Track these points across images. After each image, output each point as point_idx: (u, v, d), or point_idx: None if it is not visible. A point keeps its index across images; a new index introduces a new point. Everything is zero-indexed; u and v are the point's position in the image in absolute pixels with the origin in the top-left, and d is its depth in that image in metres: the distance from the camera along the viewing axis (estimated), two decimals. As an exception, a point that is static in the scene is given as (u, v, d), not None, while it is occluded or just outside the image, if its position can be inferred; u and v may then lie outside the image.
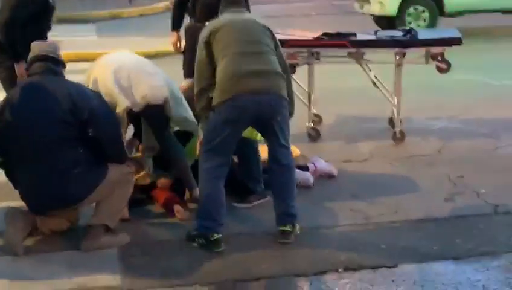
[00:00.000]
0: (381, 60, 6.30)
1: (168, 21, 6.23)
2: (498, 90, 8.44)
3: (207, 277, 4.03)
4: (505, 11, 14.06)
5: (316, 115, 6.70)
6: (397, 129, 6.39)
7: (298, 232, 4.43)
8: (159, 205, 4.94)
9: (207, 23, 5.91)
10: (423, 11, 13.30)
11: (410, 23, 13.28)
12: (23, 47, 4.99)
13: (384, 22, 13.53)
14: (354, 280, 3.97)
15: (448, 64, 6.15)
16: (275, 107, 4.37)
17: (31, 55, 4.35)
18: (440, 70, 6.19)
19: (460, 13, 13.70)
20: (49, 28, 5.41)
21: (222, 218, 4.39)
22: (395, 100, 6.36)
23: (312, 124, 6.48)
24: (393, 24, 13.02)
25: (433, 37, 6.26)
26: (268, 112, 4.35)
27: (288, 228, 4.42)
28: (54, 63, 4.30)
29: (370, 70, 6.39)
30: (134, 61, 4.77)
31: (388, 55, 6.44)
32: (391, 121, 6.84)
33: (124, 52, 4.91)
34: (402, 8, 13.24)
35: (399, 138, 6.37)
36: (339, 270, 4.06)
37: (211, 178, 4.39)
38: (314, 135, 6.43)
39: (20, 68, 5.08)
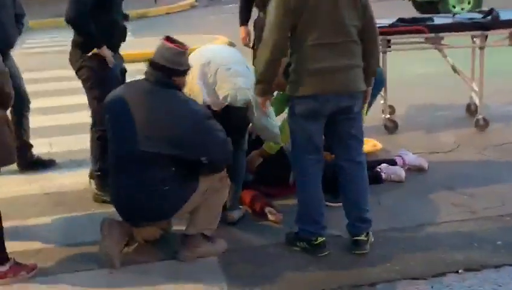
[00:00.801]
0: (460, 44, 6.00)
1: (193, 18, 5.95)
2: None
3: (317, 284, 3.73)
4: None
5: (389, 106, 6.39)
6: (480, 116, 6.08)
7: (372, 239, 4.10)
8: (247, 207, 4.70)
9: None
10: None
11: (454, 6, 12.92)
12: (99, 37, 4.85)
13: (426, 7, 13.17)
14: (478, 281, 3.66)
15: (537, 46, 5.83)
16: (353, 106, 3.99)
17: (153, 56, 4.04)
18: (526, 52, 5.88)
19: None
20: (124, 16, 5.17)
21: (324, 219, 4.09)
22: (476, 86, 6.04)
23: (388, 115, 6.17)
24: (435, 9, 12.65)
25: (516, 17, 5.92)
26: (345, 112, 3.99)
27: (363, 237, 4.08)
28: (167, 74, 3.93)
29: (446, 56, 6.07)
30: (226, 57, 4.46)
31: (465, 38, 6.15)
32: (469, 108, 6.55)
33: (219, 46, 4.62)
34: None
35: (482, 125, 6.07)
36: (460, 271, 3.75)
37: (308, 178, 4.09)
38: (391, 127, 6.12)
39: (103, 51, 4.87)
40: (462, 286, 3.63)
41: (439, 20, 5.94)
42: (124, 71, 5.22)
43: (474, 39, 6.16)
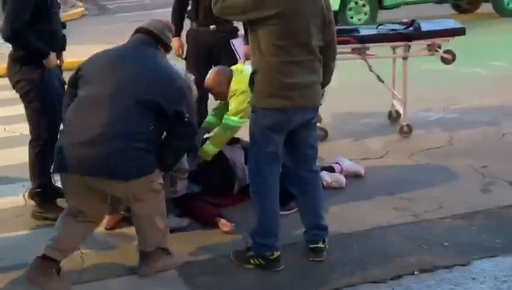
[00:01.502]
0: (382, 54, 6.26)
1: (84, 28, 5.92)
2: (473, 77, 8.53)
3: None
4: (439, 1, 14.49)
5: (315, 114, 6.53)
6: (404, 123, 6.33)
7: (327, 247, 4.21)
8: (196, 218, 4.69)
9: (211, 27, 5.72)
10: (363, 5, 13.49)
11: (351, 17, 13.41)
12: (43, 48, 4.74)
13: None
14: (436, 281, 3.83)
15: (454, 55, 6.14)
16: (313, 119, 4.14)
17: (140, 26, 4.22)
18: (446, 61, 6.18)
19: (397, 5, 14.00)
20: (62, 25, 5.05)
21: (279, 231, 4.16)
22: (398, 94, 6.31)
23: (318, 124, 6.31)
24: (335, 19, 13.09)
25: (437, 29, 6.22)
26: (306, 124, 4.10)
27: (320, 244, 4.19)
28: (154, 40, 4.10)
29: (371, 66, 6.30)
30: None
31: (385, 48, 6.43)
32: (390, 115, 6.82)
33: None
34: (343, 3, 13.33)
35: (406, 131, 6.33)
36: (415, 272, 3.92)
37: (269, 189, 4.11)
38: (322, 135, 6.25)
39: (49, 60, 4.77)
40: (421, 287, 3.78)
41: (364, 31, 6.16)
42: (63, 83, 5.01)
43: (396, 49, 6.44)
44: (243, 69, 4.91)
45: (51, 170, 4.64)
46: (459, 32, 6.12)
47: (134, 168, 3.72)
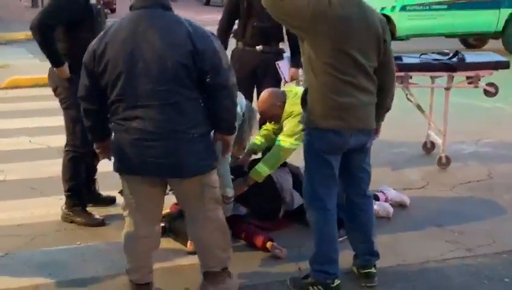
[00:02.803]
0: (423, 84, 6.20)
1: None
2: (496, 113, 8.49)
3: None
4: (448, 35, 14.58)
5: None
6: (443, 154, 6.25)
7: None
8: (247, 240, 4.56)
9: (257, 48, 5.63)
10: None
11: None
12: (74, 59, 4.62)
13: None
14: (502, 318, 3.75)
15: (496, 88, 6.09)
16: (368, 143, 4.04)
17: None
18: (488, 93, 6.12)
19: (408, 37, 14.06)
20: None
21: (338, 258, 4.04)
22: (434, 124, 6.25)
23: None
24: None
25: (482, 61, 6.17)
26: (360, 147, 4.00)
27: (373, 269, 4.10)
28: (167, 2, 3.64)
29: (412, 95, 6.23)
30: None
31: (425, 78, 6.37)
32: (425, 146, 6.74)
33: None
34: None
35: (445, 163, 6.24)
36: (480, 307, 3.84)
37: (327, 214, 3.98)
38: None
39: (61, 71, 4.74)
40: (489, 324, 3.70)
41: (407, 59, 6.09)
42: None
43: (435, 80, 6.38)
44: (297, 91, 4.79)
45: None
46: (504, 65, 6.07)
47: (197, 162, 3.55)
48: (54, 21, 4.67)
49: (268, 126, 5.12)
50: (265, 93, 4.92)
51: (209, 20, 22.29)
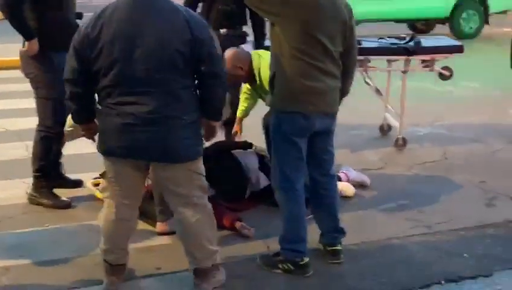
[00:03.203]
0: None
1: None
2: (446, 96, 8.71)
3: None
4: (397, 21, 14.85)
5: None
6: (400, 136, 6.43)
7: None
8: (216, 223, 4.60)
9: (221, 31, 5.67)
10: (474, 15, 14.59)
11: (464, 26, 14.55)
12: (42, 37, 4.74)
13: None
14: (464, 291, 3.94)
15: (451, 72, 6.29)
16: (332, 126, 4.19)
17: None
18: (444, 77, 6.32)
19: (359, 22, 14.26)
20: (78, 15, 5.04)
21: (307, 237, 4.16)
22: (397, 108, 6.44)
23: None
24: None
25: (438, 45, 6.36)
26: (325, 130, 4.14)
27: (339, 247, 4.25)
28: None
29: (370, 78, 6.39)
30: None
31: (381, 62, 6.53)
32: (382, 128, 6.92)
33: None
34: (457, 12, 14.51)
35: (401, 144, 6.43)
36: (442, 282, 3.98)
37: (296, 194, 4.09)
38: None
39: (30, 44, 4.74)
40: (452, 297, 3.87)
41: (366, 43, 6.23)
42: None
43: (392, 63, 6.55)
44: (261, 53, 4.90)
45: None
46: (458, 49, 6.27)
47: (187, 148, 3.58)
48: None
49: (245, 88, 5.26)
50: (227, 52, 4.87)
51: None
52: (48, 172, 5.00)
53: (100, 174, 4.79)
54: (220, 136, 5.03)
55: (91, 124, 3.70)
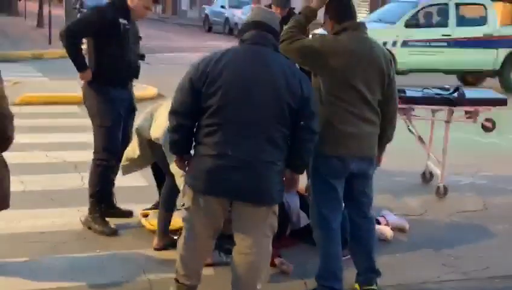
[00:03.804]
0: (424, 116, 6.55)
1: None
2: (493, 148, 8.81)
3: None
4: (447, 72, 14.97)
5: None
6: (441, 184, 6.56)
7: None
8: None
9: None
10: None
11: None
12: (100, 71, 5.18)
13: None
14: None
15: (494, 124, 6.43)
16: (369, 170, 4.37)
17: (248, 18, 3.98)
18: (486, 128, 6.46)
19: (408, 72, 14.40)
20: (140, 56, 5.45)
21: (342, 275, 4.33)
22: (434, 156, 6.58)
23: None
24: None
25: (481, 97, 6.52)
26: (362, 173, 4.33)
27: (374, 286, 4.40)
28: (275, 37, 3.95)
29: (414, 126, 6.57)
30: None
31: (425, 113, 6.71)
32: (424, 176, 7.06)
33: None
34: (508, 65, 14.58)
35: (442, 193, 6.55)
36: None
37: (332, 233, 4.29)
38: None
39: (83, 75, 5.21)
40: None
41: (410, 92, 6.43)
42: (133, 109, 5.48)
43: (436, 113, 6.72)
44: None
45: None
46: (502, 102, 6.41)
47: (278, 192, 3.85)
48: (78, 30, 5.18)
49: None
50: None
51: (212, 46, 22.81)
52: (101, 198, 5.30)
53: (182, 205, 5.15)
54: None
55: (184, 156, 3.94)
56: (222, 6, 31.69)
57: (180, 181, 4.32)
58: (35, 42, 20.43)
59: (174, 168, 4.35)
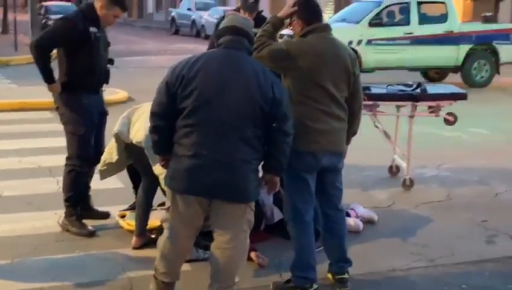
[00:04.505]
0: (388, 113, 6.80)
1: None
2: (456, 141, 9.13)
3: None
4: (411, 69, 15.30)
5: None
6: (407, 177, 6.80)
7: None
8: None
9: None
10: (484, 64, 15.07)
11: (476, 76, 15.03)
12: (72, 79, 5.26)
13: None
14: (461, 317, 4.27)
15: (455, 117, 6.69)
16: (339, 164, 4.59)
17: (224, 24, 4.16)
18: (448, 122, 6.72)
19: (373, 69, 14.69)
20: (109, 60, 5.54)
21: (316, 265, 4.53)
22: (405, 150, 6.84)
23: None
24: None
25: (442, 92, 6.78)
26: (332, 167, 4.54)
27: (346, 275, 4.61)
28: (249, 42, 4.14)
29: (379, 122, 6.80)
30: None
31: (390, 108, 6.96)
32: (391, 169, 7.29)
33: None
34: (469, 62, 15.01)
35: (408, 185, 6.79)
36: (442, 310, 4.35)
37: (305, 225, 4.49)
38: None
39: (52, 88, 5.30)
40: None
41: (375, 89, 6.66)
42: (104, 113, 5.61)
43: (400, 109, 6.96)
44: None
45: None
46: (462, 96, 6.67)
47: (254, 189, 4.02)
48: (50, 43, 5.25)
49: None
50: None
51: (180, 49, 22.95)
52: (76, 202, 5.43)
53: (159, 205, 5.43)
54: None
55: (168, 155, 4.07)
56: (188, 9, 31.85)
57: (163, 181, 4.48)
58: (1, 49, 20.36)
59: (157, 169, 4.51)
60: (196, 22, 30.23)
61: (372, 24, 14.56)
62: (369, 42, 14.45)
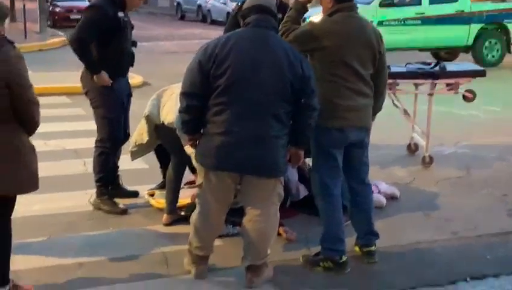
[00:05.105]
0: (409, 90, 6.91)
1: (68, 56, 6.44)
2: (471, 119, 9.22)
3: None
4: (421, 49, 15.34)
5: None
6: (426, 154, 6.91)
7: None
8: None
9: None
10: (495, 43, 15.14)
11: (487, 55, 15.11)
12: (104, 65, 5.32)
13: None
14: (487, 287, 4.38)
15: (474, 94, 6.78)
16: (366, 139, 4.71)
17: (249, 3, 4.23)
18: (467, 99, 6.81)
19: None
20: (133, 43, 5.68)
21: (345, 237, 4.65)
22: (419, 128, 6.92)
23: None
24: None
25: (461, 69, 6.86)
26: (359, 143, 4.66)
27: (373, 248, 4.74)
28: (275, 19, 4.23)
29: (399, 100, 6.90)
30: None
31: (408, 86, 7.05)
32: (409, 147, 7.40)
33: None
34: (479, 41, 15.16)
35: (428, 162, 6.90)
36: (467, 279, 4.45)
37: (333, 199, 4.61)
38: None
39: (99, 77, 5.31)
40: (476, 291, 4.33)
41: (395, 68, 6.73)
42: (130, 95, 5.75)
43: (419, 87, 7.05)
44: None
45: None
46: (481, 73, 6.76)
47: (284, 164, 4.18)
48: (88, 34, 5.26)
49: None
50: None
51: (187, 34, 22.98)
52: (107, 182, 5.56)
53: (156, 187, 5.43)
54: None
55: (196, 135, 4.20)
56: (194, -6, 31.80)
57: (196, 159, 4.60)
58: (11, 37, 20.36)
59: (189, 148, 4.63)
60: (202, 7, 30.19)
61: (383, 5, 14.59)
62: (380, 23, 14.47)
